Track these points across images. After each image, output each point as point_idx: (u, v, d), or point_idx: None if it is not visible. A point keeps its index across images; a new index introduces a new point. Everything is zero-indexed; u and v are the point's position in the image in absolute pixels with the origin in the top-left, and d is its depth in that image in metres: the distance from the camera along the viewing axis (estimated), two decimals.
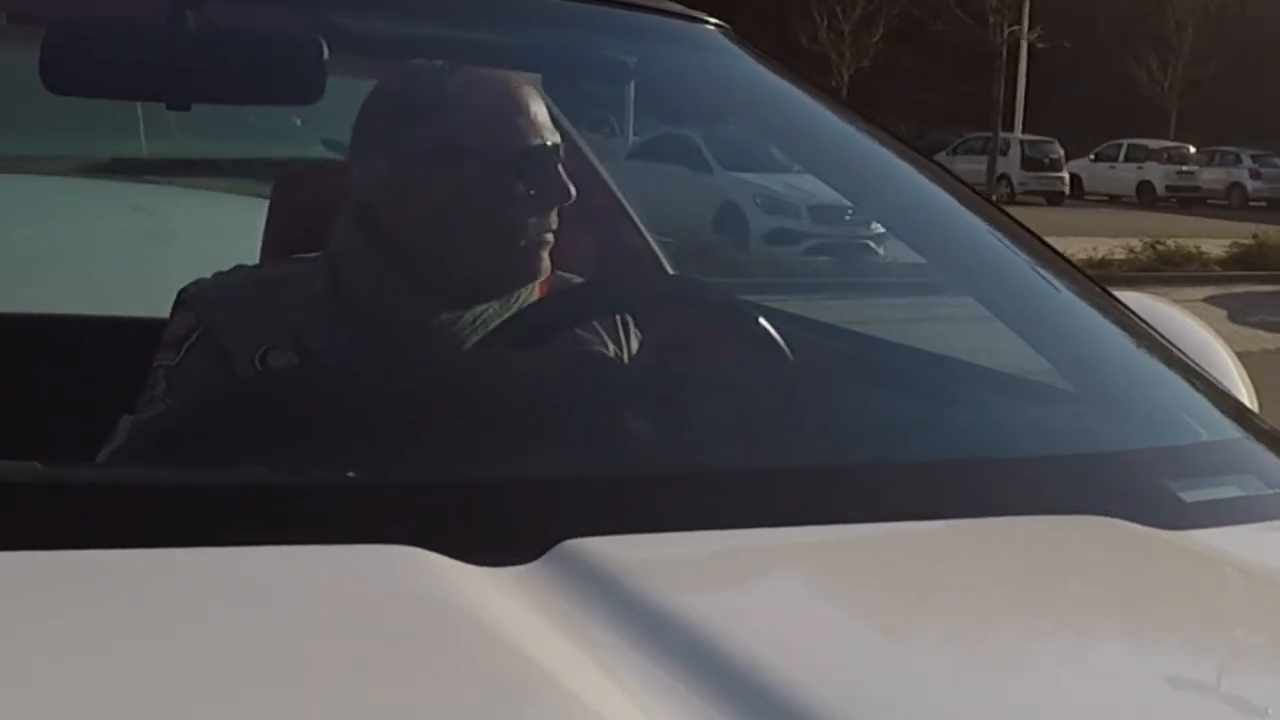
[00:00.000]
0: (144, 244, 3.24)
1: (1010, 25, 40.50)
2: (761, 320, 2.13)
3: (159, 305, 2.29)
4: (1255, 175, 44.80)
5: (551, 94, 2.73)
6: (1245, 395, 2.38)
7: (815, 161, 2.79)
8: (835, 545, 1.64)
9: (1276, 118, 45.81)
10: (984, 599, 1.59)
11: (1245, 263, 22.57)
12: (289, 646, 1.31)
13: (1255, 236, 23.52)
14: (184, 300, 2.21)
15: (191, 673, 1.24)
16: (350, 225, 2.26)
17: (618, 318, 2.18)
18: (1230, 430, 2.04)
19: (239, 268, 2.30)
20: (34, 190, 3.55)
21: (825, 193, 2.90)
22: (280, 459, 1.72)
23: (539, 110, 2.25)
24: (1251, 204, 41.11)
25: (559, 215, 2.24)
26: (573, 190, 2.24)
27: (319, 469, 1.67)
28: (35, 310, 3.00)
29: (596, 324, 2.17)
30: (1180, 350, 2.22)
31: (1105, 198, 44.79)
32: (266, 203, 2.65)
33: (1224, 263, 22.55)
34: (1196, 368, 2.18)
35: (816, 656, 1.33)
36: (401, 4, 2.55)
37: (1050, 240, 2.36)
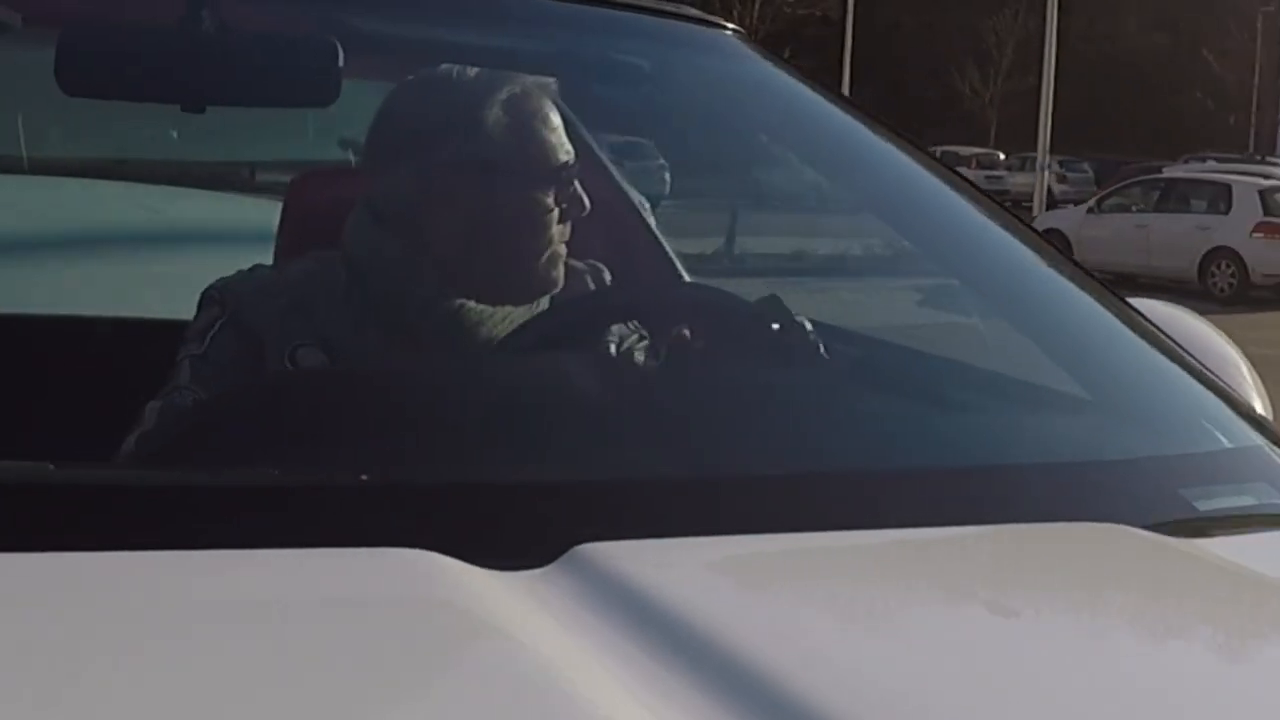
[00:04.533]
0: (157, 245, 3.25)
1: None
2: (778, 325, 2.13)
3: (174, 306, 2.30)
4: (1062, 179, 47.14)
5: (567, 100, 2.74)
6: (1260, 403, 2.37)
7: (836, 168, 2.78)
8: (850, 551, 1.64)
9: (1102, 129, 47.45)
10: (997, 606, 1.58)
11: None
12: (302, 649, 1.31)
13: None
14: (209, 296, 2.22)
15: (204, 675, 1.24)
16: (369, 227, 2.26)
17: (635, 323, 2.18)
18: (1245, 438, 2.03)
19: (259, 267, 2.30)
20: (49, 191, 3.55)
21: None
22: (294, 460, 1.72)
23: (558, 122, 2.26)
24: (1058, 205, 42.11)
25: (573, 224, 2.26)
26: (588, 203, 2.25)
27: (333, 470, 1.67)
28: (52, 311, 3.00)
29: (614, 328, 2.16)
30: (1195, 357, 2.21)
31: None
32: (278, 204, 2.65)
33: None
34: (1211, 375, 2.17)
35: (830, 663, 1.33)
36: (417, 7, 2.55)
37: None
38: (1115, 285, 2.30)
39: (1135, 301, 2.33)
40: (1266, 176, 27.72)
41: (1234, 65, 51.55)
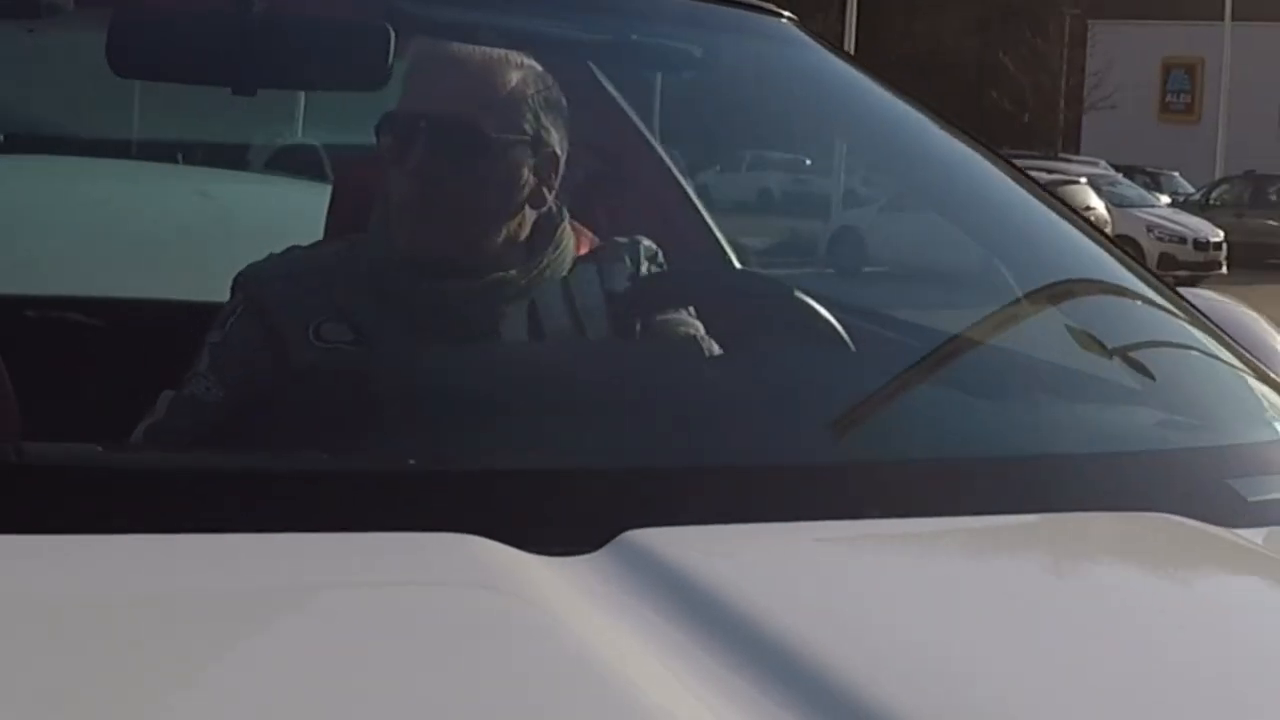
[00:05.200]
0: (208, 229, 3.25)
1: None
2: (828, 314, 2.12)
3: (214, 289, 2.30)
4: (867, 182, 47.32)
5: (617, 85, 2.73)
6: None
7: (892, 156, 2.77)
8: (901, 539, 1.64)
9: None
10: (1048, 595, 1.58)
11: None
12: (350, 633, 1.31)
13: None
14: (238, 282, 2.22)
15: (254, 656, 1.24)
16: (379, 205, 2.28)
17: (691, 309, 2.17)
18: None
19: (293, 248, 2.30)
20: (95, 173, 3.57)
21: None
22: (332, 442, 1.72)
23: (497, 85, 2.22)
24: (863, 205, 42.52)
25: (550, 192, 2.22)
26: (526, 173, 2.21)
27: (380, 456, 1.67)
28: (98, 294, 3.01)
29: (667, 314, 2.16)
30: (1244, 348, 2.20)
31: (732, 204, 46.16)
32: (329, 187, 2.66)
33: None
34: (1261, 366, 2.16)
35: (878, 649, 1.33)
36: None
37: None
38: None
39: (1184, 292, 2.32)
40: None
41: (1029, 68, 51.74)
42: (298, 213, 2.83)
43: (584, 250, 2.28)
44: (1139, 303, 2.23)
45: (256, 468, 1.61)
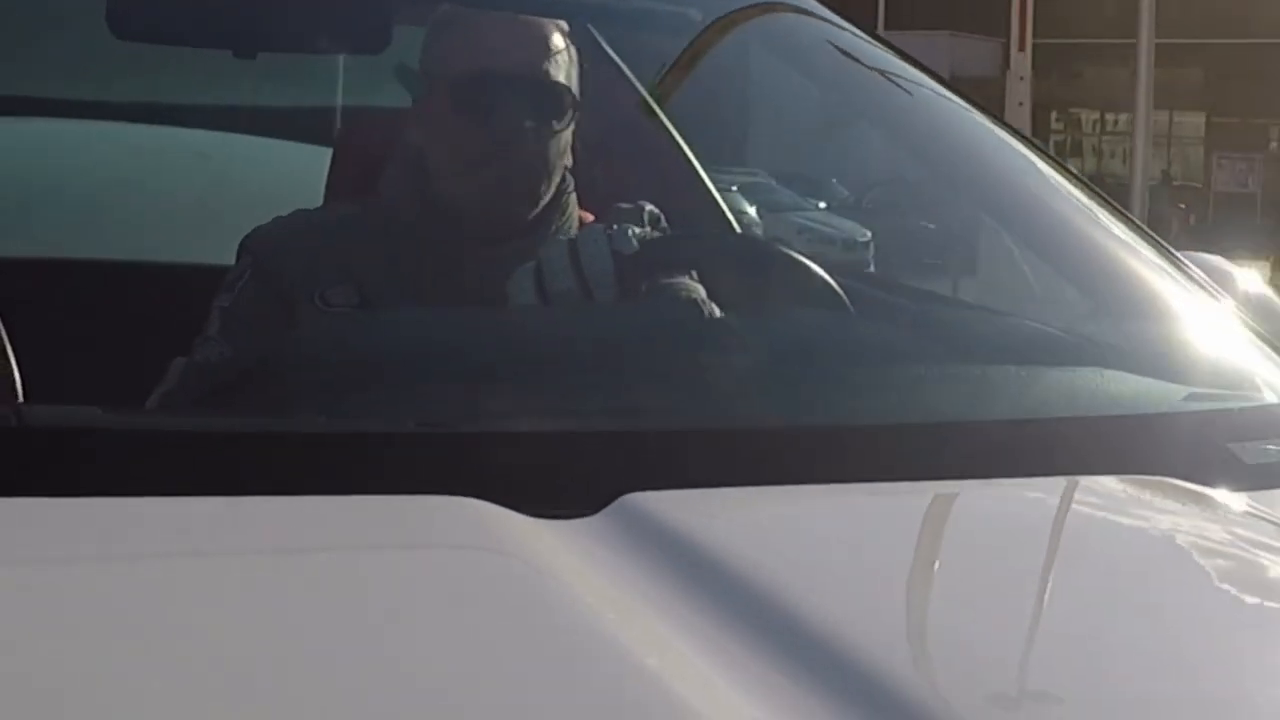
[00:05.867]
0: (209, 191, 3.24)
1: None
2: (829, 279, 2.12)
3: (221, 253, 2.30)
4: None
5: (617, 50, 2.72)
6: None
7: (905, 130, 2.75)
8: (896, 502, 1.64)
9: None
10: (1046, 557, 1.58)
11: None
12: (350, 595, 1.31)
13: None
14: (245, 245, 2.23)
15: (256, 618, 1.25)
16: (397, 167, 2.28)
17: (693, 273, 2.16)
18: None
19: (299, 212, 2.30)
20: (94, 135, 3.55)
21: None
22: (332, 405, 1.72)
23: (551, 42, 2.23)
24: None
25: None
26: (570, 133, 2.23)
27: (379, 418, 1.67)
28: (100, 255, 3.01)
29: (669, 278, 2.15)
30: (1242, 310, 2.20)
31: None
32: (329, 150, 2.65)
33: None
34: (1258, 329, 2.16)
35: (878, 612, 1.34)
36: None
37: None
38: None
39: (1186, 255, 2.32)
40: None
41: None
42: (299, 175, 2.82)
43: (586, 214, 2.28)
44: (1137, 265, 2.23)
45: (255, 431, 1.61)
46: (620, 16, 2.82)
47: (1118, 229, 2.28)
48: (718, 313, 2.10)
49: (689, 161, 2.91)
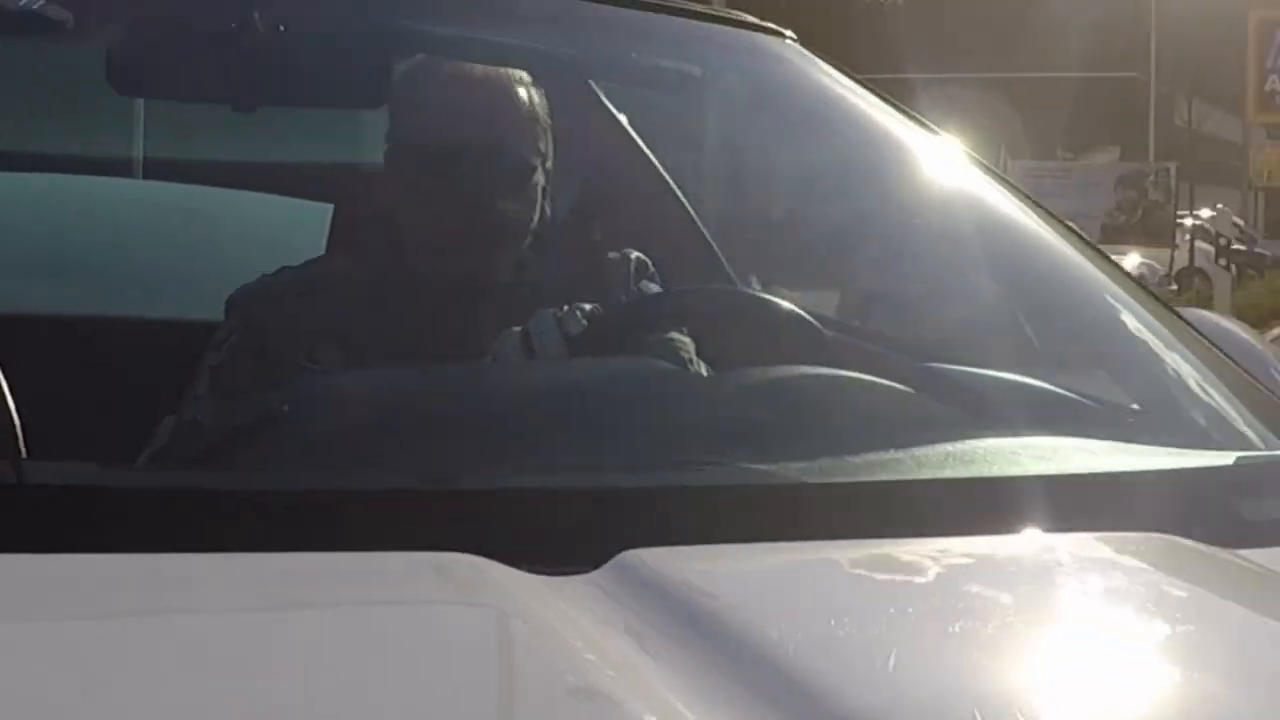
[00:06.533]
0: (202, 246, 3.24)
1: None
2: (825, 332, 2.12)
3: (213, 309, 2.30)
4: None
5: (616, 103, 2.73)
6: None
7: (894, 180, 2.75)
8: (896, 558, 1.63)
9: None
10: (1048, 615, 1.58)
11: None
12: (349, 653, 1.31)
13: None
14: (231, 302, 2.23)
15: (255, 675, 1.24)
16: (374, 224, 2.29)
17: (684, 329, 2.16)
18: None
19: (285, 269, 2.30)
20: (86, 190, 3.55)
21: None
22: (326, 463, 1.72)
23: (518, 104, 2.23)
24: None
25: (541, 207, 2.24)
26: (540, 193, 2.23)
27: (378, 475, 1.67)
28: (86, 312, 3.00)
29: (659, 334, 2.15)
30: (1242, 367, 2.20)
31: None
32: (321, 205, 2.66)
33: None
34: (1259, 385, 2.16)
35: (877, 671, 1.33)
36: (465, 9, 2.55)
37: None
38: None
39: (1184, 312, 2.33)
40: None
41: None
42: (291, 230, 2.83)
43: (576, 268, 2.29)
44: (1137, 323, 2.23)
45: (249, 489, 1.60)
46: (620, 72, 2.83)
47: (1117, 285, 2.29)
48: (705, 370, 2.10)
49: (688, 215, 2.91)
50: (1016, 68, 37.56)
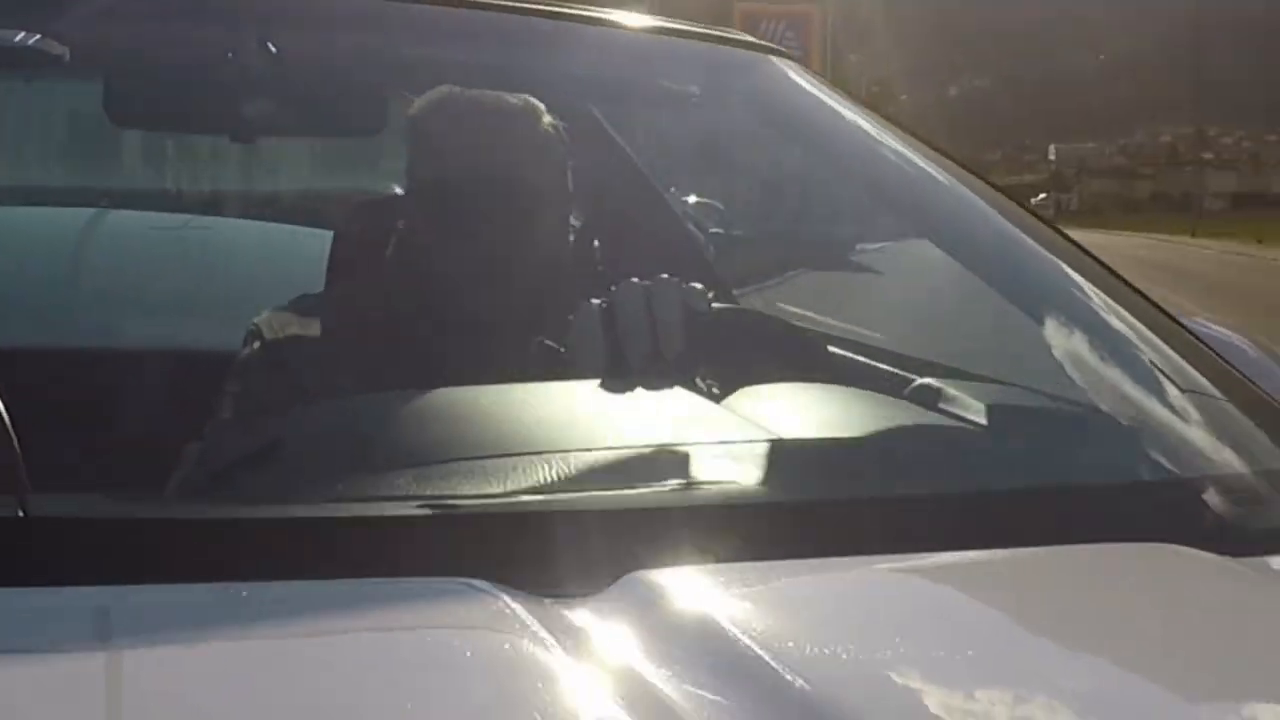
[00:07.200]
0: (215, 276, 3.25)
1: None
2: (829, 350, 2.12)
3: (226, 337, 2.30)
4: None
5: (614, 124, 2.73)
6: None
7: (885, 194, 2.76)
8: (904, 575, 1.63)
9: None
10: (1050, 627, 1.58)
11: None
12: (354, 680, 1.31)
13: None
14: (252, 331, 2.23)
15: (262, 706, 1.25)
16: (397, 250, 2.29)
17: (691, 350, 2.16)
18: None
19: (304, 296, 2.31)
20: (94, 223, 3.56)
21: None
22: (341, 490, 1.72)
23: (511, 136, 2.24)
24: None
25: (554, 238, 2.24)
26: (565, 220, 2.24)
27: (383, 500, 1.67)
28: (110, 344, 3.01)
29: (671, 354, 2.15)
30: (1244, 374, 2.20)
31: None
32: (328, 233, 2.66)
33: None
34: (1263, 393, 2.17)
35: (889, 688, 1.33)
36: (462, 35, 2.55)
37: None
38: None
39: (1187, 321, 2.33)
40: None
41: None
42: (303, 258, 2.83)
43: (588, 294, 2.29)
44: (1139, 331, 2.23)
45: (264, 516, 1.61)
46: (622, 96, 2.83)
47: (1116, 294, 2.29)
48: (717, 389, 2.10)
49: (690, 236, 2.92)
50: None
